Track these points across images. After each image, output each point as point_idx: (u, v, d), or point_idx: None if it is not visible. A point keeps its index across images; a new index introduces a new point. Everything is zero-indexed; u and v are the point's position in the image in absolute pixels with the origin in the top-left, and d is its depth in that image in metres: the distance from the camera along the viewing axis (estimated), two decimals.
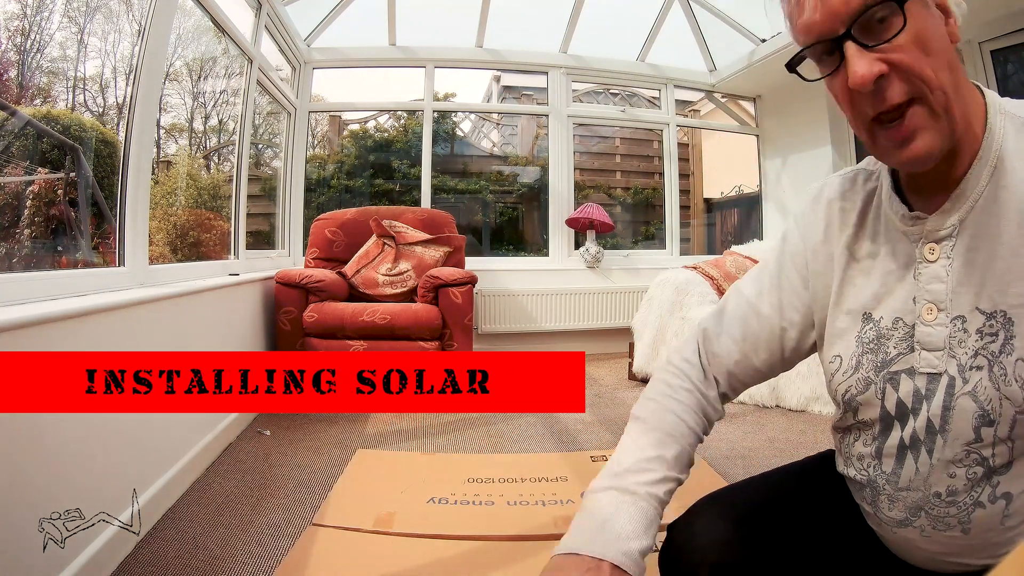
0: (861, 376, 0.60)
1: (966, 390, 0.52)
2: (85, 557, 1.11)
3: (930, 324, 0.55)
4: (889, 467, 0.58)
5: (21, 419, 1.00)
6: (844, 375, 0.62)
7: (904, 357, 0.57)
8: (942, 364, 0.54)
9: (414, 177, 3.90)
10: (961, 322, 0.53)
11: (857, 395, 0.60)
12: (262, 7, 2.70)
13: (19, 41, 1.67)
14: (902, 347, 0.57)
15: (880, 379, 0.59)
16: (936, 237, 0.55)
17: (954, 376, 0.53)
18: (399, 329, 2.41)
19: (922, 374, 0.55)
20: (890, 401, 0.58)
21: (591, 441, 2.06)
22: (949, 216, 0.54)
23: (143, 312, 1.44)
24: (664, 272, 3.09)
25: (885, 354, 0.58)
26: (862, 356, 0.60)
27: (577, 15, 3.49)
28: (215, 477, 1.69)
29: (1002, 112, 0.55)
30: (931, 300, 0.55)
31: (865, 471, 0.61)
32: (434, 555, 1.26)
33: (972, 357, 0.52)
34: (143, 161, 1.69)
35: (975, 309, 0.53)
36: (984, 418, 0.51)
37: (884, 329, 0.59)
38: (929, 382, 0.55)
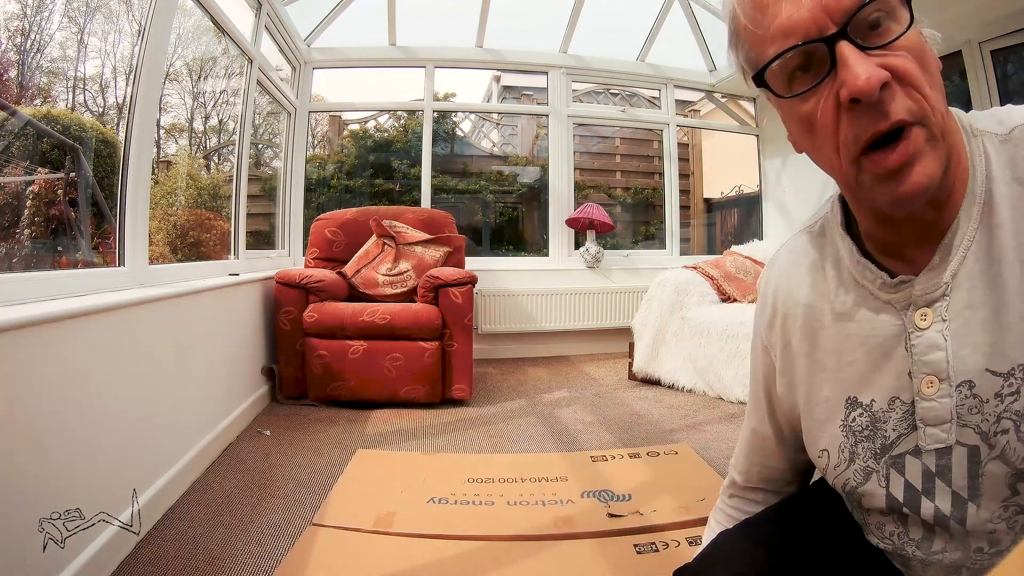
0: (859, 467, 0.54)
1: (993, 455, 0.46)
2: (85, 557, 1.11)
3: (932, 398, 0.48)
4: (918, 535, 0.52)
5: (21, 419, 1.00)
6: (838, 468, 0.56)
7: (906, 438, 0.51)
8: (951, 437, 0.48)
9: (414, 177, 3.90)
10: (969, 387, 0.47)
11: (858, 487, 0.55)
12: (262, 7, 2.70)
13: (19, 41, 1.67)
14: (902, 428, 0.51)
15: (882, 465, 0.52)
16: (927, 300, 0.48)
17: (975, 445, 0.47)
18: (399, 329, 2.41)
19: (929, 451, 0.49)
20: (896, 488, 0.52)
21: (591, 441, 2.06)
22: (940, 273, 0.47)
23: (143, 312, 1.44)
24: (664, 272, 3.09)
25: (884, 438, 0.52)
26: (856, 445, 0.54)
27: (577, 15, 3.49)
28: (215, 477, 1.69)
29: (975, 134, 0.48)
30: (930, 372, 0.48)
31: (889, 540, 0.55)
32: (434, 555, 1.26)
33: (995, 422, 0.46)
34: (143, 161, 1.69)
35: (985, 371, 0.46)
36: (1019, 475, 0.45)
37: (879, 412, 0.52)
38: (939, 458, 0.49)
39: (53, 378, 1.08)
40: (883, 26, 0.42)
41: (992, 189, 0.46)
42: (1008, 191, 0.46)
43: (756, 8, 0.46)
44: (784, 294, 0.60)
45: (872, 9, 0.42)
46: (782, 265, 0.62)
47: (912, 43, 0.43)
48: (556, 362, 3.49)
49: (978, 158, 0.47)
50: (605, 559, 1.24)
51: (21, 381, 1.01)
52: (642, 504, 1.47)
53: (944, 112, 0.44)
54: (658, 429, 2.19)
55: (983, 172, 0.47)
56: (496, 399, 2.63)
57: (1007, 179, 0.46)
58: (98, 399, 1.23)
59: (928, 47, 0.45)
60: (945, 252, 0.47)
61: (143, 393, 1.42)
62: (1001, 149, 0.47)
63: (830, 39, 0.42)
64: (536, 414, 2.39)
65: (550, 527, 1.38)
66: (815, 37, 0.43)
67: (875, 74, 0.40)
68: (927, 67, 0.43)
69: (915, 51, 0.43)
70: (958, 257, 0.46)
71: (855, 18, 0.42)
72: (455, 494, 1.55)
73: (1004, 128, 0.47)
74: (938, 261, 0.47)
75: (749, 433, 0.72)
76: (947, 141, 0.44)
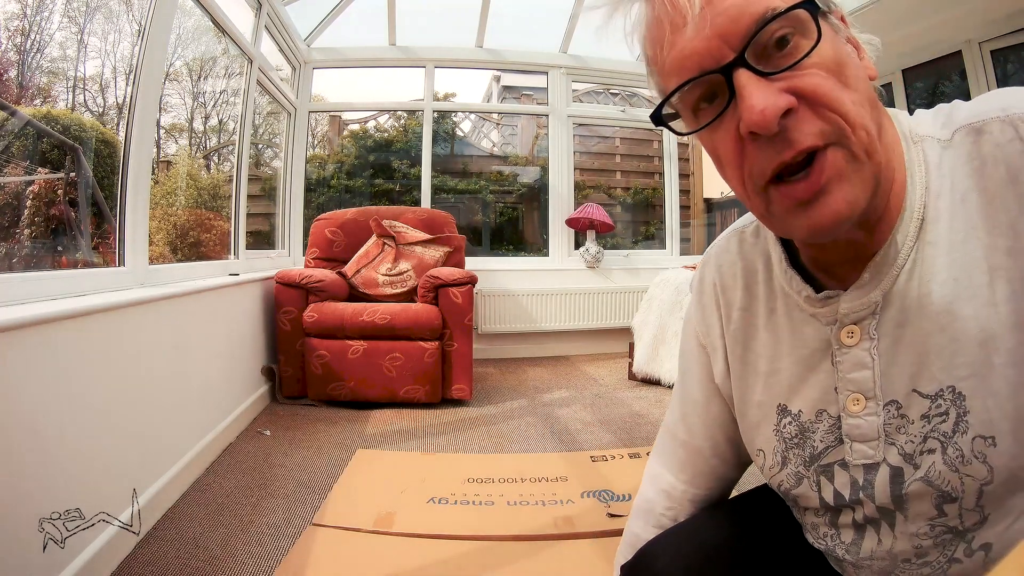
0: (791, 471, 0.54)
1: (917, 476, 0.45)
2: (85, 557, 1.11)
3: (858, 415, 0.47)
4: (848, 538, 0.52)
5: (21, 419, 1.00)
6: (772, 470, 0.56)
7: (833, 450, 0.50)
8: (878, 454, 0.47)
9: (414, 177, 3.90)
10: (896, 408, 0.45)
11: (791, 489, 0.55)
12: (262, 7, 2.70)
13: (19, 41, 1.67)
14: (829, 440, 0.50)
15: (812, 472, 0.52)
16: (855, 319, 0.46)
17: (899, 466, 0.46)
18: (399, 329, 2.41)
19: (857, 465, 0.48)
20: (827, 493, 0.51)
21: (591, 441, 2.06)
22: (869, 291, 0.45)
23: (143, 312, 1.44)
24: (664, 272, 3.09)
25: (812, 448, 0.51)
26: (788, 451, 0.54)
27: (577, 15, 3.49)
28: (215, 477, 1.69)
29: (915, 139, 0.45)
30: (856, 390, 0.47)
31: (822, 540, 0.55)
32: (434, 555, 1.26)
33: (921, 442, 0.44)
34: (143, 161, 1.69)
35: (913, 392, 0.44)
36: (945, 497, 0.44)
37: (807, 422, 0.51)
38: (866, 472, 0.48)
39: (53, 378, 1.08)
40: (791, 43, 0.38)
41: (929, 203, 0.43)
42: (946, 205, 0.42)
43: (653, 42, 0.43)
44: (720, 294, 0.59)
45: (776, 27, 0.38)
46: (718, 265, 0.60)
47: (826, 58, 0.39)
48: (556, 362, 3.49)
49: (917, 168, 0.44)
50: (605, 559, 1.24)
51: (21, 381, 1.01)
52: None
53: (871, 128, 0.39)
54: (658, 429, 2.19)
55: (922, 184, 0.43)
56: (496, 399, 2.63)
57: (946, 191, 0.43)
58: (98, 399, 1.23)
59: (851, 59, 0.41)
60: (876, 270, 0.44)
61: (143, 393, 1.42)
62: (943, 156, 0.43)
63: (727, 68, 0.39)
64: (536, 414, 2.39)
65: (550, 527, 1.38)
66: (711, 67, 0.39)
67: (773, 104, 0.37)
68: (847, 81, 0.39)
69: (830, 66, 0.39)
70: (890, 276, 0.44)
71: (754, 41, 0.38)
72: (455, 494, 1.55)
73: (946, 132, 0.44)
74: (867, 279, 0.45)
75: (676, 447, 0.68)
76: (875, 160, 0.40)
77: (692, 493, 0.67)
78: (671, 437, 0.69)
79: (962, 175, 0.42)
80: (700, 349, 0.63)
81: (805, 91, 0.38)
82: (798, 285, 0.50)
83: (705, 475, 0.66)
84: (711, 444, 0.65)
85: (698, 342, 0.63)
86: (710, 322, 0.61)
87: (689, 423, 0.66)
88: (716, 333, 0.60)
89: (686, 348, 0.66)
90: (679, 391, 0.68)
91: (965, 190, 0.42)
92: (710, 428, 0.64)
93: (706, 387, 0.64)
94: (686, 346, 0.66)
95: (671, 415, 0.70)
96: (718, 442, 0.64)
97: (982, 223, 0.41)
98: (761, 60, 0.39)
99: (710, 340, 0.61)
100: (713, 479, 0.66)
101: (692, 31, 0.39)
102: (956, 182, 0.42)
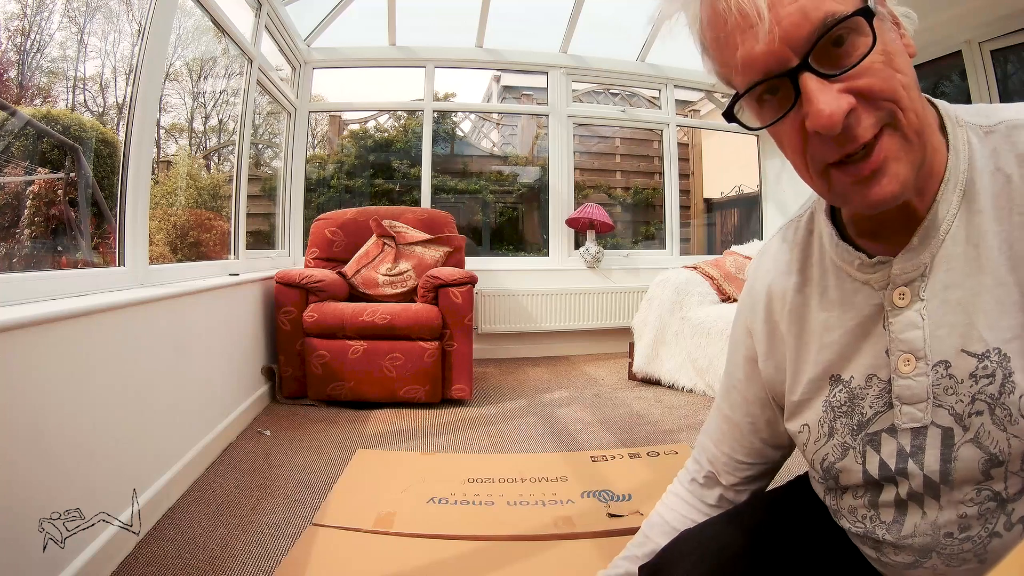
0: (837, 442, 0.55)
1: (967, 438, 0.47)
2: (85, 557, 1.11)
3: (909, 376, 0.49)
4: (889, 517, 0.53)
5: (21, 419, 1.00)
6: (817, 443, 0.57)
7: (882, 416, 0.52)
8: (926, 416, 0.49)
9: (414, 177, 3.90)
10: (945, 367, 0.47)
11: (835, 462, 0.56)
12: (262, 7, 2.70)
13: (19, 41, 1.67)
14: (879, 405, 0.52)
15: (859, 442, 0.53)
16: (906, 280, 0.49)
17: (949, 427, 0.48)
18: (399, 329, 2.41)
19: (905, 430, 0.50)
20: (872, 464, 0.53)
21: (591, 441, 2.06)
22: (919, 254, 0.48)
23: (143, 312, 1.44)
24: (664, 272, 3.09)
25: (861, 415, 0.53)
26: (835, 420, 0.55)
27: (577, 15, 3.49)
28: (215, 477, 1.69)
29: (960, 123, 0.49)
30: (907, 350, 0.49)
31: (860, 523, 0.56)
32: (434, 555, 1.26)
33: (970, 403, 0.46)
34: (143, 161, 1.69)
35: (961, 351, 0.46)
36: (992, 460, 0.46)
37: (857, 389, 0.53)
38: (914, 438, 0.50)
39: (53, 378, 1.08)
40: (848, 42, 0.41)
41: (974, 177, 0.47)
42: (990, 180, 0.46)
43: (716, 42, 0.46)
44: (773, 280, 0.62)
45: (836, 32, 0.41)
46: (773, 253, 0.64)
47: (881, 52, 0.42)
48: (556, 362, 3.49)
49: (962, 145, 0.47)
50: (605, 559, 1.23)
51: (21, 381, 1.00)
52: (642, 504, 1.47)
53: (920, 110, 0.43)
54: (658, 429, 2.19)
55: (966, 160, 0.47)
56: (496, 399, 2.63)
57: (990, 169, 0.46)
58: (98, 399, 1.23)
59: (897, 45, 0.44)
60: (924, 234, 0.48)
61: (143, 393, 1.42)
62: (985, 140, 0.47)
63: (793, 72, 0.42)
64: (536, 414, 2.39)
65: (550, 527, 1.38)
66: (777, 71, 0.42)
67: (839, 108, 0.40)
68: (897, 65, 0.42)
69: (884, 60, 0.42)
70: (936, 240, 0.47)
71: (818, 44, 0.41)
72: (455, 494, 1.55)
73: (989, 121, 0.48)
74: (917, 242, 0.48)
75: (721, 420, 0.73)
76: (923, 139, 0.44)
77: (732, 465, 0.71)
78: (717, 411, 0.74)
79: (1007, 159, 0.46)
80: (746, 331, 0.67)
81: (863, 90, 0.41)
82: (850, 255, 0.53)
83: (745, 450, 0.70)
84: (750, 420, 0.69)
85: (745, 325, 0.67)
86: (756, 308, 0.64)
87: (732, 399, 0.71)
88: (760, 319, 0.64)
89: (735, 329, 0.71)
90: (727, 369, 0.73)
91: (1011, 172, 0.46)
92: (750, 404, 0.68)
93: (747, 368, 0.67)
94: (735, 327, 0.71)
95: (719, 392, 0.75)
96: (757, 419, 0.68)
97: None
98: (822, 61, 0.42)
99: (755, 327, 0.65)
100: (752, 455, 0.70)
101: (758, 36, 0.42)
102: (1000, 163, 0.46)
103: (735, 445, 0.71)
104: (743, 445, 0.70)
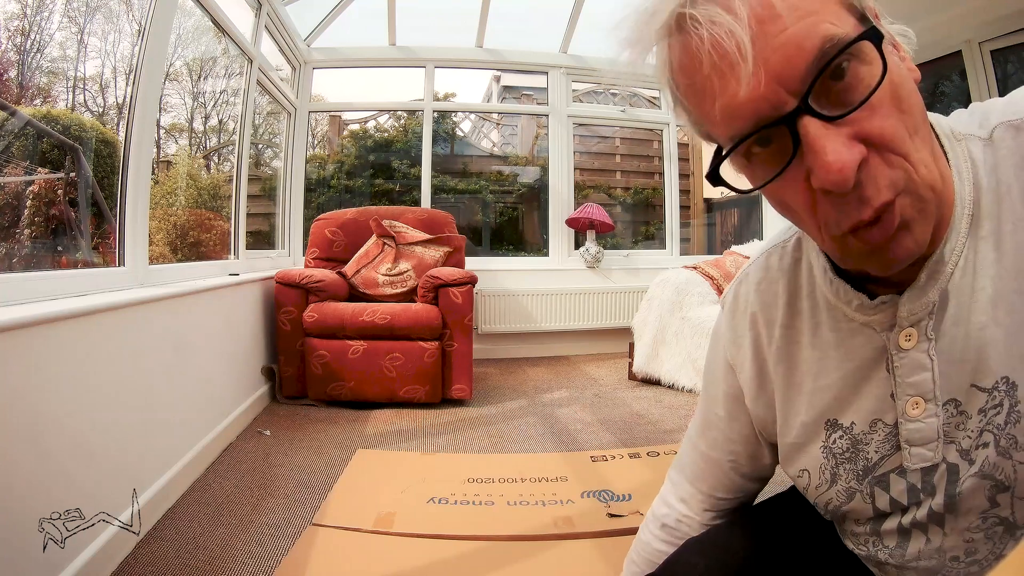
0: (842, 488, 0.52)
1: (972, 472, 0.44)
2: (85, 557, 1.11)
3: (917, 419, 0.46)
4: (892, 543, 0.51)
5: (21, 419, 1.00)
6: (819, 489, 0.55)
7: (888, 459, 0.49)
8: (938, 455, 0.46)
9: (414, 177, 3.90)
10: (955, 406, 0.45)
11: (842, 505, 0.53)
12: (262, 7, 2.70)
13: (19, 41, 1.67)
14: (885, 449, 0.49)
15: (866, 485, 0.51)
16: (912, 321, 0.45)
17: (955, 463, 0.45)
18: (399, 329, 2.41)
19: (915, 471, 0.47)
20: (882, 502, 0.51)
21: (591, 441, 2.06)
22: (926, 292, 0.44)
23: (143, 312, 1.44)
24: (664, 272, 3.09)
25: (866, 460, 0.50)
26: (837, 467, 0.52)
27: (577, 15, 3.49)
28: (215, 477, 1.69)
29: (958, 138, 0.44)
30: (915, 393, 0.46)
31: (864, 547, 0.55)
32: (434, 555, 1.26)
33: (977, 436, 0.44)
34: (143, 161, 1.69)
35: (972, 387, 0.43)
36: (998, 487, 0.44)
37: (860, 435, 0.50)
38: (924, 475, 0.47)
39: (53, 378, 1.08)
40: (850, 73, 0.35)
41: (979, 199, 0.43)
42: (993, 199, 0.43)
43: (691, 90, 0.40)
44: (758, 312, 0.57)
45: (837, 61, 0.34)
46: (756, 282, 0.57)
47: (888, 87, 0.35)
48: (556, 362, 3.49)
49: (964, 165, 0.43)
50: (605, 559, 1.24)
51: (21, 381, 1.00)
52: (642, 504, 1.47)
53: (930, 160, 0.38)
54: (658, 429, 2.19)
55: (969, 181, 0.43)
56: (496, 399, 2.63)
57: (992, 186, 0.43)
58: (98, 399, 1.23)
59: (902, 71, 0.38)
60: (933, 269, 0.43)
61: (143, 393, 1.42)
62: (986, 154, 0.43)
63: (790, 118, 0.35)
64: (536, 414, 2.39)
65: (550, 527, 1.38)
66: (770, 117, 0.36)
67: (849, 160, 0.34)
68: (904, 106, 0.36)
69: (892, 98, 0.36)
70: (944, 275, 0.43)
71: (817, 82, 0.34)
72: (455, 494, 1.55)
73: (984, 131, 0.44)
74: (924, 279, 0.43)
75: (697, 457, 0.68)
76: (936, 192, 0.39)
77: (711, 502, 0.68)
78: (692, 447, 0.69)
79: (1006, 169, 0.42)
80: (727, 367, 0.62)
81: (873, 137, 0.35)
82: (848, 294, 0.48)
83: (724, 487, 0.67)
84: (731, 459, 0.65)
85: (726, 361, 0.62)
86: (741, 344, 0.59)
87: (710, 437, 0.66)
88: (747, 355, 0.59)
89: (712, 362, 0.65)
90: (703, 404, 0.68)
91: (1009, 183, 0.42)
92: (732, 443, 0.64)
93: (729, 406, 0.63)
94: (713, 361, 0.65)
95: (693, 426, 0.70)
96: (739, 457, 0.64)
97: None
98: (822, 101, 0.35)
99: (739, 361, 0.60)
100: (731, 491, 0.67)
101: (740, 79, 0.35)
102: (1001, 177, 0.42)
103: (715, 484, 0.67)
104: (723, 483, 0.66)
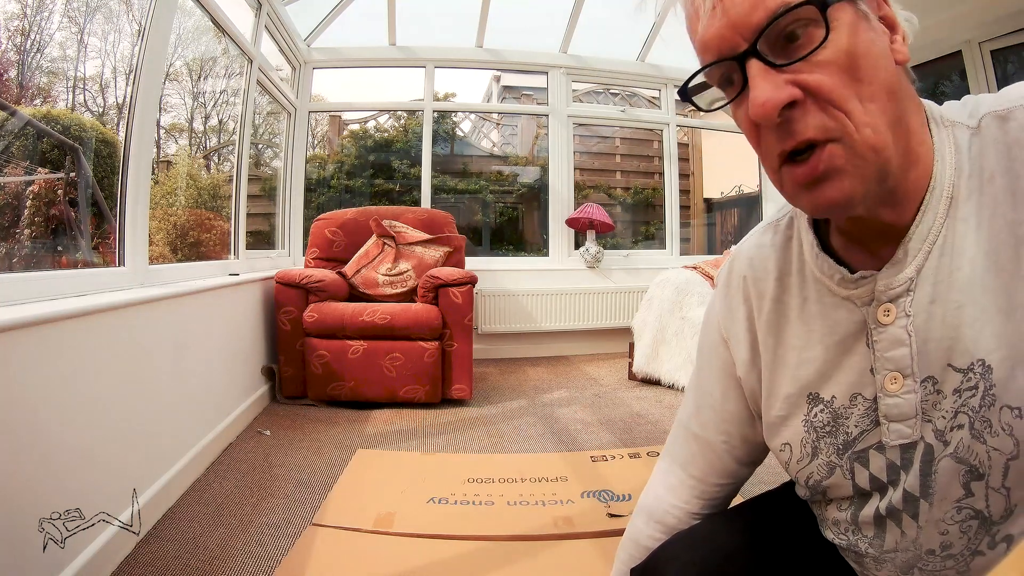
0: (822, 461, 0.54)
1: (947, 453, 0.46)
2: (85, 557, 1.11)
3: (896, 395, 0.48)
4: (870, 533, 0.53)
5: (21, 419, 1.00)
6: (801, 463, 0.56)
7: (868, 434, 0.50)
8: (916, 432, 0.47)
9: (414, 177, 3.91)
10: (932, 383, 0.46)
11: (822, 480, 0.55)
12: (262, 7, 2.70)
13: (19, 41, 1.67)
14: (864, 424, 0.50)
15: (846, 460, 0.52)
16: (891, 296, 0.47)
17: (931, 444, 0.47)
18: (399, 329, 2.41)
19: (894, 447, 0.49)
20: (861, 478, 0.52)
21: (591, 441, 2.06)
22: (903, 268, 0.46)
23: (143, 312, 1.44)
24: (664, 272, 3.09)
25: (846, 434, 0.52)
26: (818, 441, 0.54)
27: (577, 15, 3.49)
28: (215, 477, 1.69)
29: (945, 124, 0.47)
30: (894, 368, 0.47)
31: (844, 536, 0.56)
32: (434, 555, 1.26)
33: (952, 418, 0.46)
34: (143, 161, 1.69)
35: (947, 367, 0.45)
36: (972, 473, 0.45)
37: (840, 408, 0.52)
38: (904, 452, 0.48)
39: (53, 378, 1.08)
40: (804, 35, 0.40)
41: (959, 183, 0.45)
42: (975, 184, 0.45)
43: (688, 20, 0.47)
44: (751, 287, 0.59)
45: (787, 21, 0.40)
46: (749, 257, 0.60)
47: (840, 51, 0.40)
48: (556, 362, 3.49)
49: (948, 149, 0.46)
50: (605, 559, 1.24)
51: (21, 381, 1.01)
52: None
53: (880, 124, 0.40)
54: (658, 429, 2.19)
55: (952, 165, 0.45)
56: (496, 399, 2.63)
57: (975, 172, 0.45)
58: (98, 399, 1.23)
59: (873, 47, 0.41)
60: (910, 247, 0.46)
61: (143, 393, 1.42)
62: (972, 141, 0.45)
63: (740, 57, 0.41)
64: (536, 414, 2.39)
65: (550, 527, 1.38)
66: (727, 55, 0.42)
67: (774, 97, 0.39)
68: (860, 75, 0.40)
69: (843, 60, 0.40)
70: (923, 252, 0.45)
71: (767, 32, 0.40)
72: (455, 494, 1.55)
73: (973, 120, 0.46)
74: (901, 256, 0.46)
75: (689, 440, 0.67)
76: (882, 155, 0.41)
77: (700, 489, 0.67)
78: (684, 430, 0.69)
79: (990, 157, 0.44)
80: (721, 343, 0.63)
81: (810, 86, 0.40)
82: (831, 268, 0.50)
83: (716, 471, 0.66)
84: (724, 439, 0.64)
85: (720, 336, 0.63)
86: (735, 315, 0.61)
87: (703, 418, 0.66)
88: (741, 326, 0.60)
89: (706, 342, 0.66)
90: (695, 385, 0.68)
91: (992, 171, 0.44)
92: (725, 423, 0.64)
93: (723, 383, 0.63)
94: (706, 340, 0.66)
95: (684, 410, 0.69)
96: (732, 438, 0.64)
97: (1008, 200, 0.43)
98: (775, 51, 0.41)
99: (733, 332, 0.61)
100: (723, 476, 0.66)
101: (709, 19, 0.42)
102: (984, 164, 0.45)
103: (706, 468, 0.66)
104: (715, 467, 0.66)
